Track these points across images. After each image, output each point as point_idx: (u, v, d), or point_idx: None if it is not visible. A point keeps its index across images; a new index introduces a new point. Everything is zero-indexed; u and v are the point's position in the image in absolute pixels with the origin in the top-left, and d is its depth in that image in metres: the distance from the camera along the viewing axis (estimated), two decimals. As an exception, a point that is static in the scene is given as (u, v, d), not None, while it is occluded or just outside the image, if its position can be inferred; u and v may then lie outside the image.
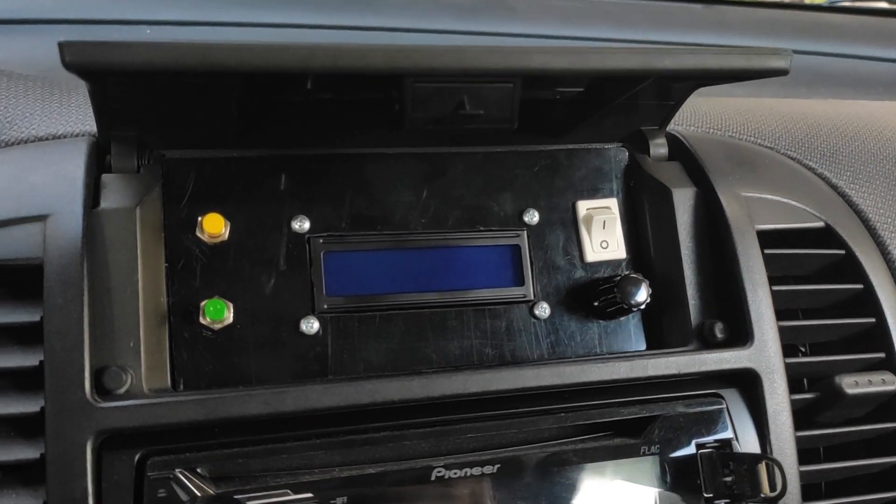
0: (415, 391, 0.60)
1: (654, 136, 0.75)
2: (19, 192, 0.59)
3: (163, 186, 0.64)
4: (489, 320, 0.69)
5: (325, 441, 0.59)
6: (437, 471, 0.60)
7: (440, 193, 0.70)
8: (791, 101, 0.93)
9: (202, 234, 0.64)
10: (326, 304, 0.65)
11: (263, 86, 0.57)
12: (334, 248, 0.67)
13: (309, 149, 0.68)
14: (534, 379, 0.62)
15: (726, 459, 0.62)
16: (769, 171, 0.77)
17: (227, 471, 0.58)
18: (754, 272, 0.69)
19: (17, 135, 0.65)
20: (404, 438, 0.61)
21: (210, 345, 0.63)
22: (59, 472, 0.54)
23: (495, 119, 0.56)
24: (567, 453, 0.63)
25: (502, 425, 0.63)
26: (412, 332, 0.67)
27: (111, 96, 0.58)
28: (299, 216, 0.66)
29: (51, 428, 0.54)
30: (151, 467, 0.55)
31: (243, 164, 0.66)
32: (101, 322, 0.58)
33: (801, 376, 0.73)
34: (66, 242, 0.57)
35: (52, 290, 0.56)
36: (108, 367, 0.57)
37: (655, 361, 0.65)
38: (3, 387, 0.56)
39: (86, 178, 0.61)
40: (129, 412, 0.55)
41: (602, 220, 0.72)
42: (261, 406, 0.57)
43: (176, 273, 0.63)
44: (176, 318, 0.62)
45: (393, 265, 0.68)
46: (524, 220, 0.71)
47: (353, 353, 0.65)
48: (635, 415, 0.65)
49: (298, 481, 0.57)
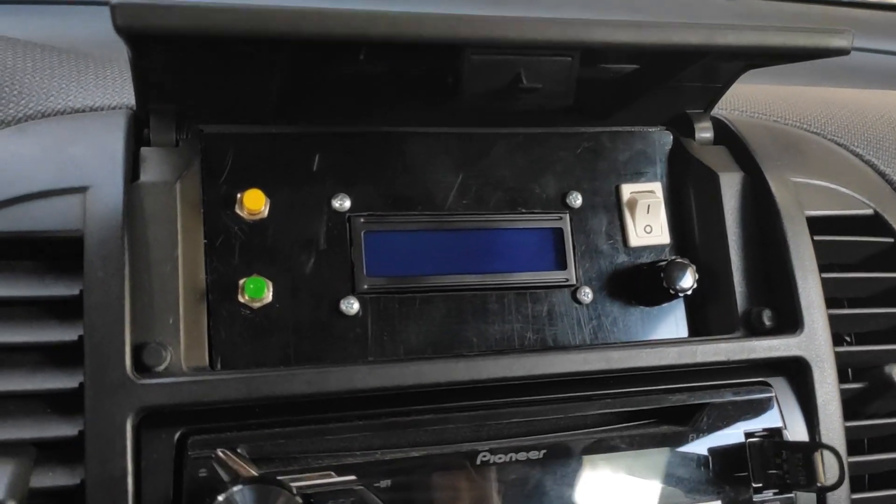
0: (460, 374, 0.58)
1: (699, 119, 0.73)
2: (58, 163, 0.58)
3: (202, 161, 0.62)
4: (531, 304, 0.67)
5: (368, 423, 0.58)
6: (482, 455, 0.58)
7: (482, 174, 0.68)
8: (832, 90, 0.92)
9: (242, 211, 0.62)
10: (367, 284, 0.64)
11: (313, 56, 0.56)
12: (375, 227, 0.65)
13: (350, 126, 0.66)
14: (581, 363, 0.61)
15: (778, 448, 0.60)
16: (817, 156, 0.76)
17: (268, 451, 0.56)
18: (804, 258, 0.67)
19: (54, 106, 0.63)
20: (449, 422, 0.59)
21: (248, 323, 0.61)
22: (98, 450, 0.52)
23: (552, 94, 0.55)
24: (614, 440, 0.61)
25: (548, 410, 0.61)
26: (453, 314, 0.66)
27: (153, 66, 0.57)
28: (340, 194, 0.65)
29: (90, 404, 0.53)
30: (192, 446, 0.54)
31: (283, 140, 0.65)
32: (140, 297, 0.56)
33: (848, 366, 0.71)
34: (107, 215, 0.56)
35: (93, 263, 0.55)
36: (147, 343, 0.55)
37: (704, 348, 0.63)
38: (40, 362, 0.55)
39: (125, 150, 0.59)
40: (171, 389, 0.54)
41: (646, 203, 0.70)
42: (304, 386, 0.56)
43: (215, 250, 0.62)
44: (214, 296, 0.61)
45: (434, 246, 0.66)
46: (567, 202, 0.69)
47: (393, 334, 0.64)
48: (683, 402, 0.63)
49: (341, 463, 0.56)
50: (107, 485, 0.52)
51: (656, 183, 0.72)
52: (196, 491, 0.53)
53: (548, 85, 0.54)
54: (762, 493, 0.63)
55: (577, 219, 0.70)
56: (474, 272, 0.66)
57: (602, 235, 0.70)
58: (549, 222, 0.69)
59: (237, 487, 0.50)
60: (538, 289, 0.68)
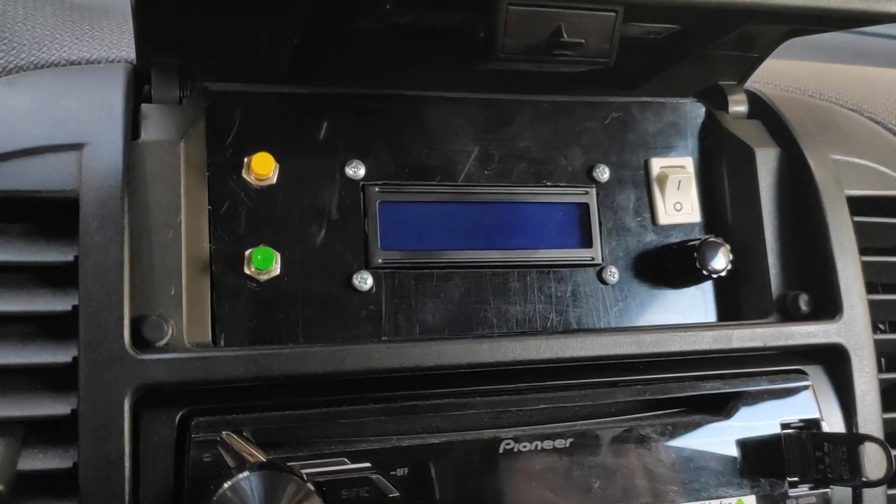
0: (483, 355, 0.54)
1: (733, 91, 0.69)
2: (52, 118, 0.53)
3: (207, 121, 0.58)
4: (554, 284, 0.63)
5: (384, 406, 0.54)
6: (505, 443, 0.54)
7: (505, 144, 0.64)
8: (861, 68, 0.88)
9: (249, 176, 0.58)
10: (381, 258, 0.59)
11: (335, 7, 0.51)
12: (391, 197, 0.61)
13: (367, 88, 0.62)
14: (611, 346, 0.57)
15: (819, 441, 0.57)
16: (856, 133, 0.72)
17: (277, 436, 0.52)
18: (844, 240, 0.64)
19: (47, 57, 0.58)
20: (470, 407, 0.55)
21: (255, 297, 0.57)
22: (93, 430, 0.48)
23: (593, 52, 0.50)
24: (644, 428, 0.57)
25: (574, 396, 0.58)
26: (471, 292, 0.61)
27: (157, 15, 0.52)
28: (354, 161, 0.60)
29: (85, 381, 0.48)
30: (196, 428, 0.50)
31: (294, 100, 0.60)
32: (139, 266, 0.52)
33: (882, 355, 0.68)
34: (105, 174, 0.51)
35: (89, 226, 0.50)
36: (147, 316, 0.51)
37: (740, 332, 0.60)
38: (31, 333, 0.50)
39: (125, 106, 0.54)
40: (173, 366, 0.49)
41: (677, 179, 0.66)
42: (317, 365, 0.51)
43: (219, 217, 0.57)
44: (218, 267, 0.56)
45: (453, 219, 0.62)
46: (594, 176, 0.65)
47: (408, 313, 0.60)
48: (717, 390, 0.60)
49: (355, 449, 0.52)
50: (102, 468, 0.48)
51: (687, 158, 0.68)
52: (199, 476, 0.49)
53: (588, 41, 0.49)
54: (798, 487, 0.59)
55: (604, 194, 0.66)
56: (495, 248, 0.62)
57: (629, 212, 0.66)
58: (574, 197, 0.65)
59: (244, 474, 0.46)
60: (562, 267, 0.64)
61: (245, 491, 0.45)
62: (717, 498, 0.58)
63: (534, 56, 0.50)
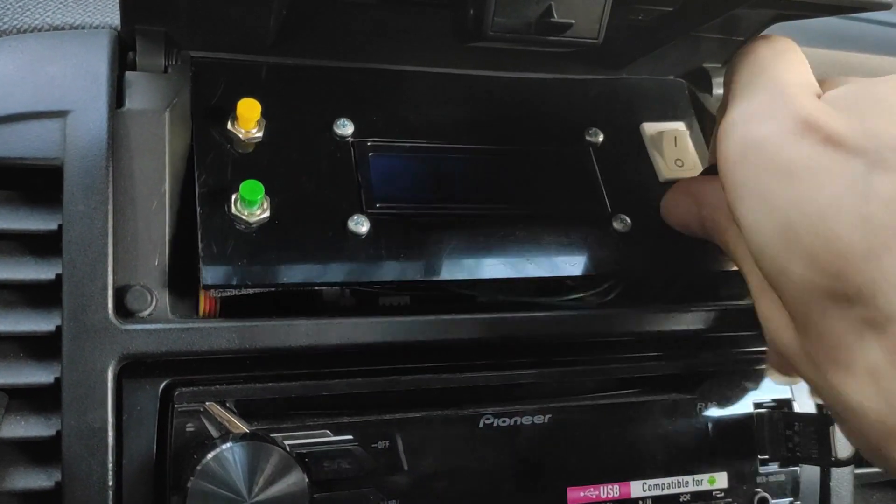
0: (473, 332, 0.55)
1: (717, 73, 0.70)
2: (36, 84, 0.52)
3: (192, 90, 0.57)
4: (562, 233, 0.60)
5: (367, 381, 0.54)
6: (484, 418, 0.55)
7: (494, 112, 0.63)
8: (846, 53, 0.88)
9: (235, 128, 0.55)
10: (378, 203, 0.56)
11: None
12: (383, 152, 0.59)
13: (353, 62, 0.61)
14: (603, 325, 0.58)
15: (791, 420, 0.58)
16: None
17: (260, 407, 0.52)
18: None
19: (31, 21, 0.57)
20: (452, 382, 0.56)
21: (245, 240, 0.53)
22: (76, 399, 0.48)
23: (582, 32, 0.50)
24: (621, 406, 0.59)
25: (553, 374, 0.58)
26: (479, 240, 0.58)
27: (143, -19, 0.51)
28: (342, 119, 0.58)
29: (68, 350, 0.48)
30: (179, 399, 0.50)
31: (280, 70, 0.59)
32: (124, 236, 0.51)
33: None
34: (90, 143, 0.51)
35: (74, 195, 0.50)
36: (131, 286, 0.51)
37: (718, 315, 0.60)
38: (13, 301, 0.50)
39: (109, 73, 0.54)
40: (157, 336, 0.49)
41: (672, 136, 0.65)
42: (302, 338, 0.52)
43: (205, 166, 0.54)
44: (205, 211, 0.53)
45: (451, 170, 0.60)
46: (587, 139, 0.64)
47: (407, 259, 0.56)
48: (691, 369, 0.61)
49: (338, 422, 0.52)
50: (85, 436, 0.48)
51: (679, 123, 0.68)
52: (182, 446, 0.49)
53: (580, 23, 0.49)
54: (768, 465, 0.61)
55: (601, 152, 0.64)
56: (498, 199, 0.60)
57: (630, 168, 0.64)
58: (573, 153, 0.64)
59: (227, 444, 0.46)
60: (569, 216, 0.61)
61: (229, 461, 0.46)
62: (690, 474, 0.59)
63: (523, 36, 0.50)
